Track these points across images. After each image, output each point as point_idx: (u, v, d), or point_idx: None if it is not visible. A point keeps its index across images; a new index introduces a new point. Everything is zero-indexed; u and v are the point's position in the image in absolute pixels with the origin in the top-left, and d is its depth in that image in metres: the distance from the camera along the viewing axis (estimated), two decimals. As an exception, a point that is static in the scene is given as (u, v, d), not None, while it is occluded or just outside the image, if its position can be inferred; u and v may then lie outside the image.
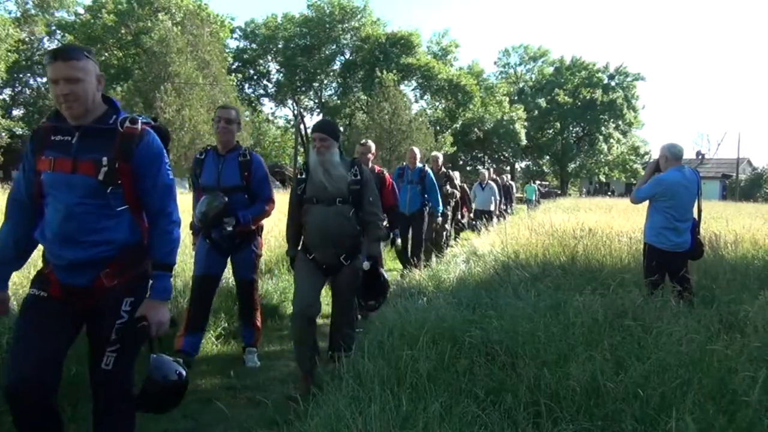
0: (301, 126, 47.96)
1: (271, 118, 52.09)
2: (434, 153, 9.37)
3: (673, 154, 4.76)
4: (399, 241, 6.68)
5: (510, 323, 3.51)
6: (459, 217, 10.23)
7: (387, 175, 5.70)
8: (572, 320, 3.46)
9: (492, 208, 12.12)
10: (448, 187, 8.66)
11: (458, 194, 9.16)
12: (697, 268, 5.26)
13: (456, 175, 11.60)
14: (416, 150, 7.74)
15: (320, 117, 54.76)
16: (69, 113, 2.18)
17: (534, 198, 24.37)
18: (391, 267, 8.63)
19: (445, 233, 8.80)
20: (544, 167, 57.64)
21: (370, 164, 6.73)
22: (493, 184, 12.43)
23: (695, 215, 4.82)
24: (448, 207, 8.81)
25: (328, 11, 44.21)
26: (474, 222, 11.88)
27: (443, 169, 8.88)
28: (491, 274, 5.67)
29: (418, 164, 7.49)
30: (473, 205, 12.23)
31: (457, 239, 10.57)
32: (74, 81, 2.12)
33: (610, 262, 5.91)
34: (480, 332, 3.42)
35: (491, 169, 13.34)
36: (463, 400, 2.70)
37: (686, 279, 4.57)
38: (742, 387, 2.63)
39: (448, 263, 6.96)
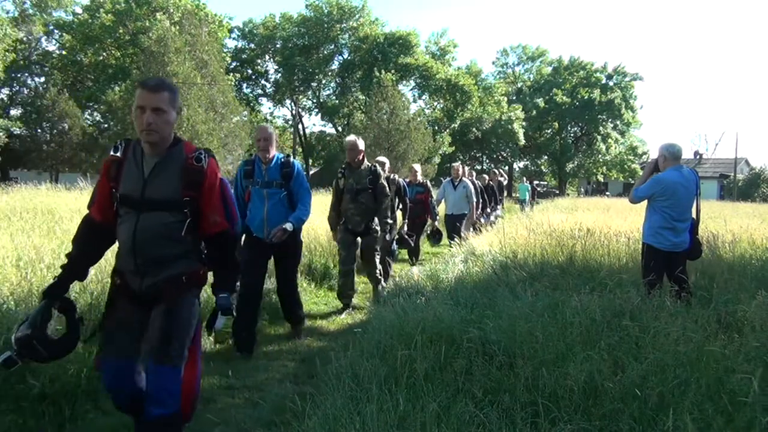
0: (300, 126, 47.94)
1: (269, 118, 52.05)
2: (349, 137, 6.12)
3: (671, 153, 4.76)
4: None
5: (508, 323, 3.52)
6: (404, 232, 7.67)
7: (217, 171, 2.65)
8: (570, 320, 3.46)
9: (467, 211, 9.57)
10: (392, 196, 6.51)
11: (386, 201, 6.14)
12: (694, 268, 5.26)
13: (417, 170, 9.42)
14: (268, 127, 4.71)
15: (319, 117, 54.89)
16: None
17: (527, 198, 22.29)
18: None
19: (377, 257, 6.29)
20: (543, 167, 57.73)
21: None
22: (467, 181, 9.77)
23: (694, 215, 4.82)
24: (389, 221, 6.51)
25: (326, 11, 44.21)
26: (436, 234, 9.70)
27: (365, 162, 6.09)
28: (489, 274, 5.67)
29: (275, 153, 4.72)
30: (438, 211, 9.97)
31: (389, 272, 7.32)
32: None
33: (608, 262, 5.91)
34: (478, 332, 3.42)
35: (464, 166, 10.76)
36: (461, 399, 2.71)
37: (684, 279, 4.58)
38: (740, 387, 2.63)
39: (447, 263, 6.96)
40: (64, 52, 37.67)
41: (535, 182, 42.50)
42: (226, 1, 79.56)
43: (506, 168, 50.26)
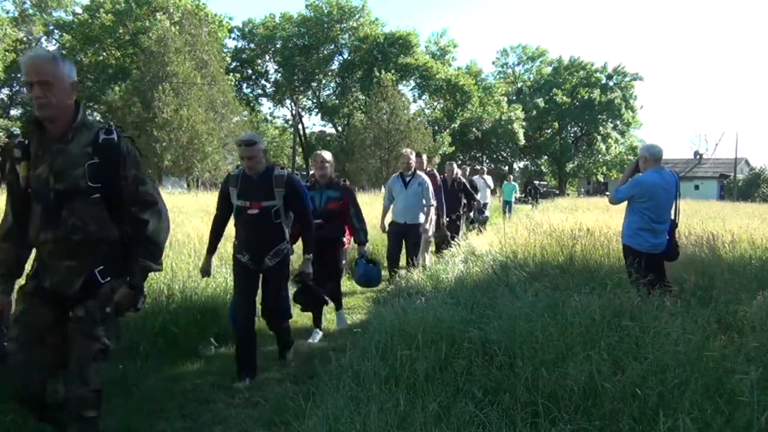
0: (300, 126, 47.95)
1: (269, 118, 52.13)
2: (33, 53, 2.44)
3: (651, 155, 4.77)
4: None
5: (508, 323, 3.51)
6: (305, 276, 4.38)
7: None
8: (570, 320, 3.46)
9: (421, 220, 6.66)
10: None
11: (157, 223, 2.60)
12: (694, 268, 5.26)
13: (326, 157, 5.28)
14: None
15: (319, 117, 54.78)
16: None
17: (513, 200, 18.30)
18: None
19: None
20: (543, 167, 57.76)
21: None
22: (425, 177, 6.85)
23: (673, 217, 4.83)
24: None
25: (326, 11, 44.23)
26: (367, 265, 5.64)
27: (86, 118, 2.54)
28: (489, 274, 5.67)
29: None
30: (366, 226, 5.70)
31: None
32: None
33: (608, 262, 5.91)
34: (478, 332, 3.42)
35: (423, 161, 7.93)
36: (461, 400, 2.71)
37: (662, 279, 4.58)
38: (740, 387, 2.63)
39: (447, 263, 6.95)
40: (64, 52, 37.68)
41: (536, 182, 42.43)
42: (226, 1, 79.76)
43: (506, 168, 50.24)
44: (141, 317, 4.31)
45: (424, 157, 8.10)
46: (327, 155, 5.32)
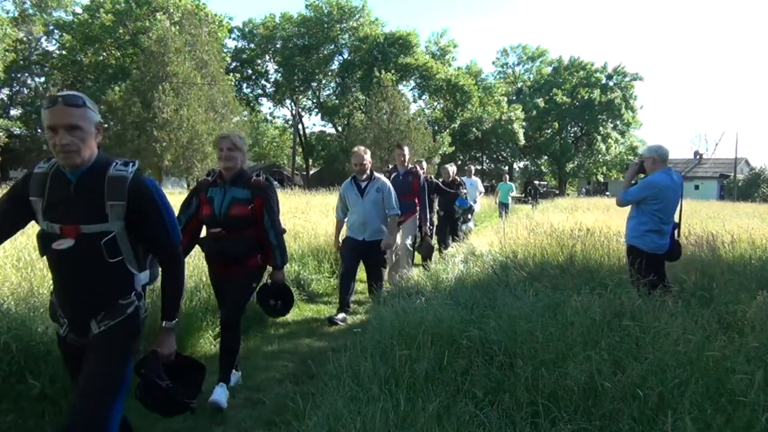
0: (300, 126, 47.96)
1: (269, 118, 52.16)
2: None
3: (660, 155, 4.75)
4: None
5: (508, 323, 3.52)
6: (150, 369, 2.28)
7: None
8: (570, 320, 3.46)
9: (384, 236, 5.69)
10: None
11: None
12: (694, 268, 5.26)
13: (237, 142, 3.65)
14: None
15: (319, 117, 54.61)
16: None
17: (510, 201, 16.40)
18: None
19: None
20: (543, 167, 57.76)
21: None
22: (385, 181, 5.79)
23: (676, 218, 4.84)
24: None
25: (326, 11, 44.23)
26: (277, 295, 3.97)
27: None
28: (489, 274, 5.66)
29: None
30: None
31: None
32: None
33: (608, 262, 5.91)
34: (478, 332, 3.42)
35: (405, 154, 7.00)
36: (461, 400, 2.71)
37: (662, 278, 4.59)
38: (740, 387, 2.63)
39: (447, 263, 6.94)
40: (64, 52, 37.68)
41: (536, 182, 42.41)
42: (226, 1, 79.81)
43: (506, 168, 50.21)
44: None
45: (406, 149, 7.04)
46: (237, 140, 3.66)
